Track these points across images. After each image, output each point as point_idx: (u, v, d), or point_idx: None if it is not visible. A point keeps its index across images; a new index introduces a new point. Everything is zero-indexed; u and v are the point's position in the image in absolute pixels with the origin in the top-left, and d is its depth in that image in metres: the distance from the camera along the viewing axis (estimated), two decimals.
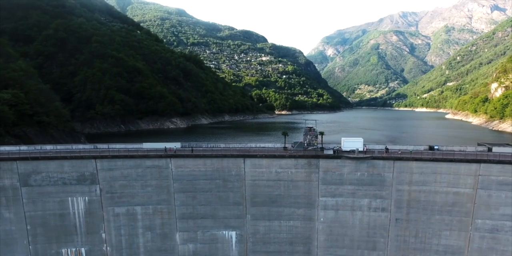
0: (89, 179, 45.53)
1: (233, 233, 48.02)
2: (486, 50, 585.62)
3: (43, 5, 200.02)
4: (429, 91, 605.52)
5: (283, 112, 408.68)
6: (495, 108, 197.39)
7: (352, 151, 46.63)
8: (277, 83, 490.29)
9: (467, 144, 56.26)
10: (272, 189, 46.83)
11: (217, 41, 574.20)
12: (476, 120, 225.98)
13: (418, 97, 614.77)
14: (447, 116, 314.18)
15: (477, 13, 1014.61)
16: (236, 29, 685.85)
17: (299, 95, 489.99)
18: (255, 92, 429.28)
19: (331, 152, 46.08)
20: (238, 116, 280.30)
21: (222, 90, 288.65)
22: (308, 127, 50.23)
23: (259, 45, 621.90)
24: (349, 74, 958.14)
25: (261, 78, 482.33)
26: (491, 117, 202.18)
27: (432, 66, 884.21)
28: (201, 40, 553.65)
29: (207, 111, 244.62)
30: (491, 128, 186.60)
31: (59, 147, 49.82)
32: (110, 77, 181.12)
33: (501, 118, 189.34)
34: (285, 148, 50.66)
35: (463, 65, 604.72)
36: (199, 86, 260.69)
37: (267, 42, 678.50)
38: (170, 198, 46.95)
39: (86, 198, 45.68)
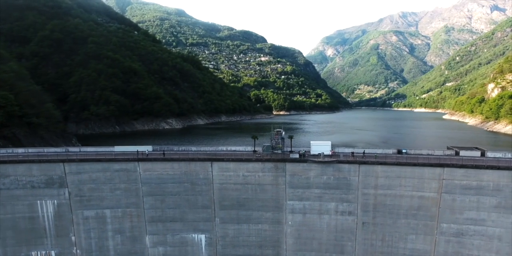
0: (57, 182, 45.94)
1: (203, 236, 48.30)
2: (485, 50, 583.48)
3: (39, 6, 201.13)
4: (428, 91, 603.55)
5: (281, 113, 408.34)
6: (491, 109, 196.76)
7: (319, 155, 46.81)
8: (275, 84, 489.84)
9: (441, 147, 56.22)
10: (240, 193, 47.13)
11: (216, 41, 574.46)
12: (472, 120, 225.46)
13: (417, 98, 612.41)
14: (444, 117, 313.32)
15: (476, 13, 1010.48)
16: (236, 30, 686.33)
17: (298, 96, 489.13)
18: (254, 92, 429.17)
19: (297, 155, 46.24)
20: (235, 116, 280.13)
21: (219, 91, 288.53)
22: (276, 130, 50.37)
23: (258, 46, 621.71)
24: (348, 74, 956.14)
25: (260, 79, 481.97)
26: (486, 117, 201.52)
27: (431, 66, 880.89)
28: (200, 41, 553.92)
29: (204, 111, 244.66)
30: (486, 128, 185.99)
31: (30, 150, 50.37)
32: (106, 78, 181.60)
33: (496, 119, 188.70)
34: (254, 151, 50.91)
35: (462, 66, 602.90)
36: (196, 87, 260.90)
37: (266, 42, 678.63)
38: (139, 201, 47.33)
39: (55, 201, 46.12)
